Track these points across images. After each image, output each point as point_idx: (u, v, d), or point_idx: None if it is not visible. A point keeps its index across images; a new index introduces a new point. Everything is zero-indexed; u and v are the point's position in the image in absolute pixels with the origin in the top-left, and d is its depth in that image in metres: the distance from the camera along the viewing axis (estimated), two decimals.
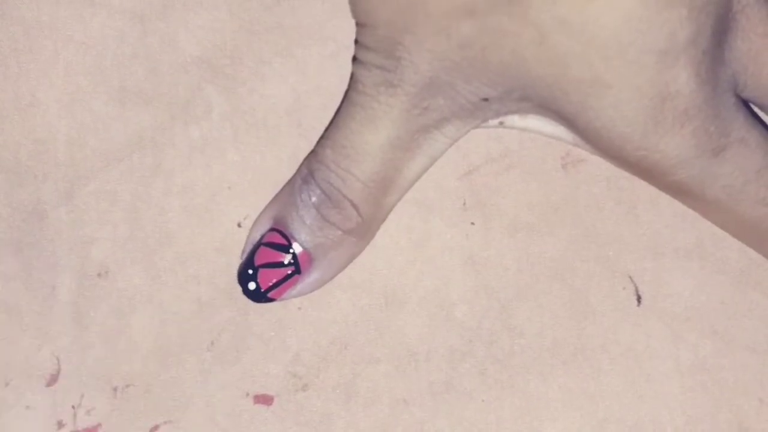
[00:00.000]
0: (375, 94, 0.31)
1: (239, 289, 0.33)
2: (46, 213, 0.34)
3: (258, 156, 0.35)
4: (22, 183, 0.34)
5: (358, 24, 0.31)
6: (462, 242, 0.35)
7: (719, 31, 0.30)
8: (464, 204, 0.35)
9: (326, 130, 0.33)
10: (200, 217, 0.35)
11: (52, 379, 0.34)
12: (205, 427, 0.34)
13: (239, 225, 0.35)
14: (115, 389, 0.34)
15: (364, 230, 0.33)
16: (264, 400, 0.34)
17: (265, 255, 0.32)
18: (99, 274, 0.34)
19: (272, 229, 0.33)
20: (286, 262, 0.32)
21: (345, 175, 0.32)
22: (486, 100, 0.31)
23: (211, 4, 0.35)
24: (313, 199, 0.32)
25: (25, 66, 0.35)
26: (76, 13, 0.35)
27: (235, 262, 0.34)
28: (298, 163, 0.35)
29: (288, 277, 0.32)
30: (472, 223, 0.35)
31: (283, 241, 0.32)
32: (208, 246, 0.34)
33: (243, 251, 0.33)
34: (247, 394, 0.34)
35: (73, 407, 0.34)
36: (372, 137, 0.32)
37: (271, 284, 0.33)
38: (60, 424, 0.34)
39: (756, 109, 0.34)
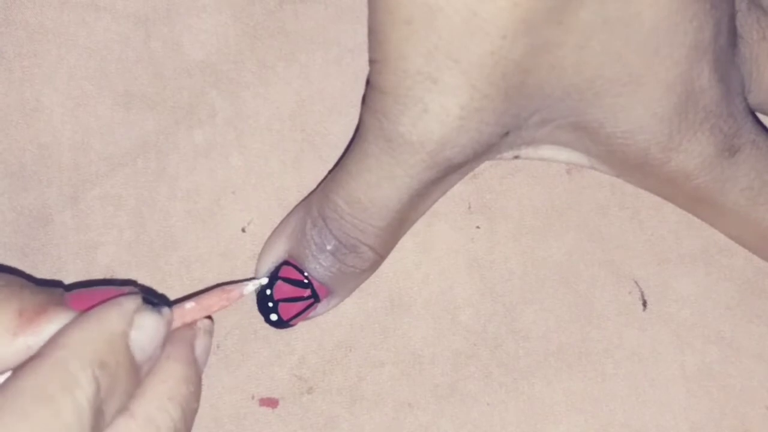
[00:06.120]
0: (389, 150, 0.30)
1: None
2: (52, 217, 0.34)
3: (262, 160, 0.35)
4: (27, 188, 0.34)
5: (375, 61, 0.29)
6: (467, 246, 0.35)
7: (731, 31, 0.31)
8: (469, 207, 0.35)
9: (337, 172, 0.32)
10: (205, 221, 0.35)
11: None
12: (210, 429, 0.34)
13: (243, 230, 0.35)
14: None
15: (379, 263, 0.33)
16: (269, 402, 0.34)
17: (284, 290, 0.32)
18: (104, 278, 0.34)
19: (287, 263, 0.32)
20: (305, 296, 0.32)
21: (363, 226, 0.31)
22: (506, 134, 0.31)
23: (214, 8, 0.35)
24: (329, 247, 0.32)
25: (29, 71, 0.35)
26: (80, 17, 0.35)
27: (240, 266, 0.34)
28: (302, 168, 0.35)
29: (308, 307, 0.33)
30: (478, 227, 0.35)
31: (300, 277, 0.32)
32: (213, 250, 0.35)
33: (256, 277, 0.33)
34: (253, 397, 0.34)
35: None
36: (390, 192, 0.31)
37: (292, 315, 0.33)
38: None
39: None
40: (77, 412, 0.25)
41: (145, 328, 0.27)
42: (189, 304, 0.29)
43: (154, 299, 0.28)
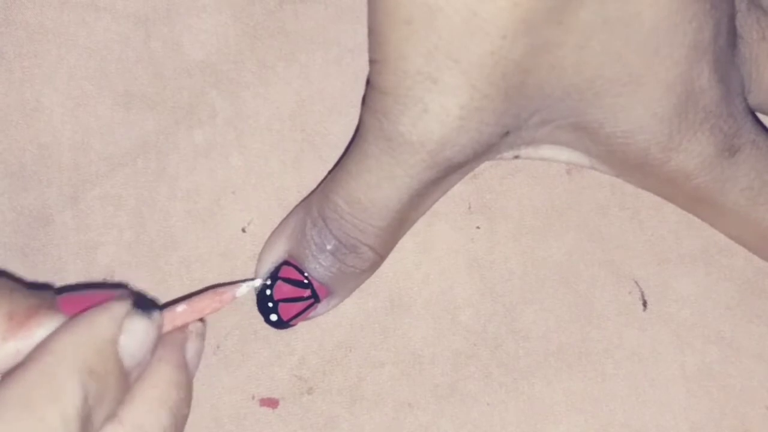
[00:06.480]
0: (389, 150, 0.30)
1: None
2: (52, 218, 0.34)
3: (262, 160, 0.35)
4: (27, 188, 0.34)
5: (375, 61, 0.29)
6: (467, 246, 0.35)
7: (731, 32, 0.31)
8: (469, 207, 0.35)
9: (337, 172, 0.32)
10: (205, 221, 0.35)
11: None
12: (210, 429, 0.34)
13: (243, 230, 0.35)
14: None
15: (379, 263, 0.33)
16: (269, 403, 0.34)
17: (284, 290, 0.32)
18: (104, 279, 0.34)
19: (287, 263, 0.32)
20: (305, 296, 0.32)
21: (363, 226, 0.31)
22: (507, 134, 0.31)
23: (214, 8, 0.35)
24: (329, 247, 0.32)
25: (29, 71, 0.35)
26: (80, 17, 0.35)
27: (240, 266, 0.34)
28: (302, 168, 0.35)
29: (308, 307, 0.33)
30: (478, 227, 0.35)
31: (300, 277, 0.32)
32: (213, 250, 0.35)
33: (256, 276, 0.33)
34: (253, 397, 0.34)
35: None
36: (390, 192, 0.30)
37: (292, 316, 0.33)
38: None
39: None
40: (64, 421, 0.24)
41: (135, 333, 0.27)
42: (180, 307, 0.29)
43: (146, 298, 0.28)
